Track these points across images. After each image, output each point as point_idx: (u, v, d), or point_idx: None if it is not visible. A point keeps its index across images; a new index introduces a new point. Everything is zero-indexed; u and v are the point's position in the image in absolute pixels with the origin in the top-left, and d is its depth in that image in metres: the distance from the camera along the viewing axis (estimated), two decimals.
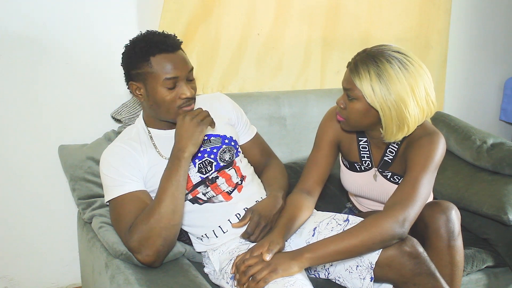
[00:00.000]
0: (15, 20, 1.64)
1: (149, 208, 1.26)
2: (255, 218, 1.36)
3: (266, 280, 1.15)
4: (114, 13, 1.77)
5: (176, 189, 1.25)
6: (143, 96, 1.33)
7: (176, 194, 1.25)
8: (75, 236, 1.77)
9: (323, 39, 2.17)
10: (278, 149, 1.92)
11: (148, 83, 1.29)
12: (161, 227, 1.23)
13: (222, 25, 1.94)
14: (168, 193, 1.25)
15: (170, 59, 1.28)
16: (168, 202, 1.24)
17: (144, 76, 1.29)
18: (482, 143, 1.88)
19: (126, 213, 1.28)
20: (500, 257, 1.68)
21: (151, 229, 1.23)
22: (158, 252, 1.25)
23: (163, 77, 1.27)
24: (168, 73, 1.27)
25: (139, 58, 1.28)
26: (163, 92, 1.29)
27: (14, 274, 1.84)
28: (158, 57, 1.27)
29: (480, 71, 2.73)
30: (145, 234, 1.23)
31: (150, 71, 1.28)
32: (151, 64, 1.27)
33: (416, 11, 2.33)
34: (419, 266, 1.20)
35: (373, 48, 1.29)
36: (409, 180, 1.27)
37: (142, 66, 1.28)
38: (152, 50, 1.27)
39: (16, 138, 1.73)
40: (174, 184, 1.25)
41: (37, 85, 1.72)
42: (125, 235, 1.26)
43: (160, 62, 1.27)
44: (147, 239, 1.23)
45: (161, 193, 1.26)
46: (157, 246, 1.24)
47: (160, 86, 1.28)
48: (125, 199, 1.30)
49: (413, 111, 1.26)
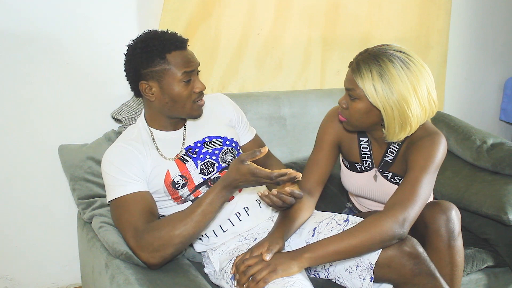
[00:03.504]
0: (15, 20, 1.64)
1: (177, 219, 1.26)
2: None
3: (266, 280, 1.15)
4: (114, 13, 1.77)
5: (211, 213, 1.26)
6: (155, 95, 1.34)
7: (208, 218, 1.26)
8: (75, 236, 1.77)
9: (323, 39, 2.17)
10: (278, 149, 1.92)
11: (164, 80, 1.31)
12: (180, 241, 1.24)
13: (222, 25, 1.94)
14: (204, 215, 1.25)
15: (184, 55, 1.33)
16: (199, 222, 1.25)
17: (160, 73, 1.31)
18: (482, 143, 1.88)
19: (131, 212, 1.28)
20: (500, 257, 1.68)
21: (171, 238, 1.23)
22: (165, 258, 1.26)
23: (181, 72, 1.31)
24: (186, 67, 1.32)
25: (154, 56, 1.30)
26: (180, 87, 1.32)
27: (14, 274, 1.84)
28: (174, 53, 1.31)
29: (480, 71, 2.73)
30: (163, 240, 1.23)
31: (167, 67, 1.30)
32: (167, 61, 1.30)
33: (416, 11, 2.33)
34: (419, 266, 1.20)
35: (375, 47, 1.29)
36: (409, 180, 1.27)
37: (158, 64, 1.30)
38: (167, 48, 1.31)
39: (16, 138, 1.73)
40: (213, 208, 1.26)
41: (37, 85, 1.72)
42: (136, 233, 1.25)
43: (176, 59, 1.31)
44: (163, 245, 1.23)
45: (195, 213, 1.25)
46: (167, 253, 1.25)
47: (177, 82, 1.31)
48: (129, 199, 1.30)
49: (416, 111, 1.26)
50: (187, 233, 1.24)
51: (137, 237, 1.25)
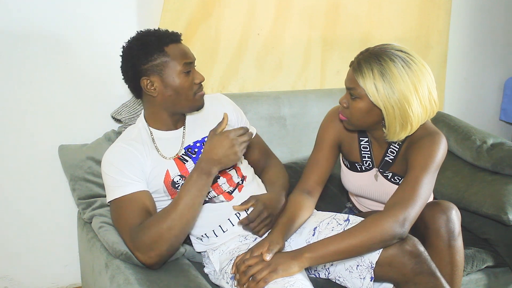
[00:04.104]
0: (15, 20, 1.64)
1: (164, 213, 1.25)
2: (259, 206, 1.35)
3: (266, 280, 1.15)
4: (114, 13, 1.77)
5: (195, 201, 1.25)
6: (157, 89, 1.34)
7: (194, 206, 1.25)
8: (75, 236, 1.77)
9: (323, 39, 2.17)
10: (278, 149, 1.92)
11: (165, 73, 1.32)
12: (171, 234, 1.23)
13: (222, 25, 1.94)
14: (187, 203, 1.24)
15: (181, 47, 1.36)
16: (185, 213, 1.24)
17: (160, 66, 1.32)
18: (482, 143, 1.88)
19: (130, 213, 1.28)
20: (500, 257, 1.68)
21: (162, 234, 1.23)
22: (161, 256, 1.26)
23: (182, 63, 1.33)
24: (185, 58, 1.34)
25: (152, 50, 1.31)
26: (181, 78, 1.33)
27: (14, 274, 1.84)
28: (171, 46, 1.34)
29: (480, 71, 2.73)
30: (154, 237, 1.23)
31: (168, 60, 1.32)
32: (166, 53, 1.32)
33: (416, 11, 2.33)
34: (420, 265, 1.20)
35: (376, 47, 1.29)
36: (410, 180, 1.27)
37: (157, 57, 1.31)
38: (164, 41, 1.33)
39: (16, 138, 1.73)
40: (195, 196, 1.24)
41: (37, 85, 1.72)
42: (132, 233, 1.26)
43: (175, 51, 1.33)
44: (155, 242, 1.23)
45: (179, 202, 1.24)
46: (162, 250, 1.24)
47: (178, 73, 1.33)
48: (128, 200, 1.29)
49: (416, 110, 1.26)
50: (175, 225, 1.23)
51: (132, 238, 1.25)
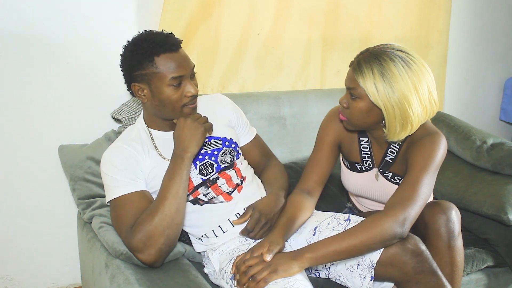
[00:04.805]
0: (15, 20, 1.64)
1: (152, 207, 1.26)
2: (255, 215, 1.36)
3: (266, 281, 1.15)
4: (114, 13, 1.77)
5: (179, 188, 1.27)
6: (147, 97, 1.33)
7: (179, 193, 1.27)
8: (75, 236, 1.77)
9: (323, 39, 2.17)
10: (278, 149, 1.92)
11: (153, 83, 1.29)
12: (164, 226, 1.24)
13: (222, 25, 1.94)
14: (171, 192, 1.26)
15: (174, 58, 1.29)
16: (172, 201, 1.25)
17: (149, 76, 1.29)
18: (482, 143, 1.88)
19: (128, 213, 1.28)
20: (500, 257, 1.68)
21: (155, 228, 1.23)
22: (160, 251, 1.25)
23: (169, 77, 1.28)
24: (174, 72, 1.28)
25: (143, 59, 1.28)
26: (169, 91, 1.30)
27: (14, 274, 1.84)
28: (163, 56, 1.28)
29: (480, 71, 2.73)
30: (148, 233, 1.23)
31: (156, 71, 1.28)
32: (156, 64, 1.28)
33: (416, 11, 2.33)
34: (422, 264, 1.20)
35: (376, 47, 1.29)
36: (410, 180, 1.27)
37: (147, 67, 1.28)
38: (156, 50, 1.27)
39: (16, 138, 1.73)
40: (177, 183, 1.27)
41: (37, 85, 1.72)
42: (127, 235, 1.26)
43: (165, 62, 1.28)
44: (150, 238, 1.23)
45: (164, 192, 1.26)
46: (159, 245, 1.24)
47: (166, 85, 1.29)
48: (126, 199, 1.30)
49: (417, 110, 1.26)
50: (166, 216, 1.24)
51: (129, 238, 1.26)
